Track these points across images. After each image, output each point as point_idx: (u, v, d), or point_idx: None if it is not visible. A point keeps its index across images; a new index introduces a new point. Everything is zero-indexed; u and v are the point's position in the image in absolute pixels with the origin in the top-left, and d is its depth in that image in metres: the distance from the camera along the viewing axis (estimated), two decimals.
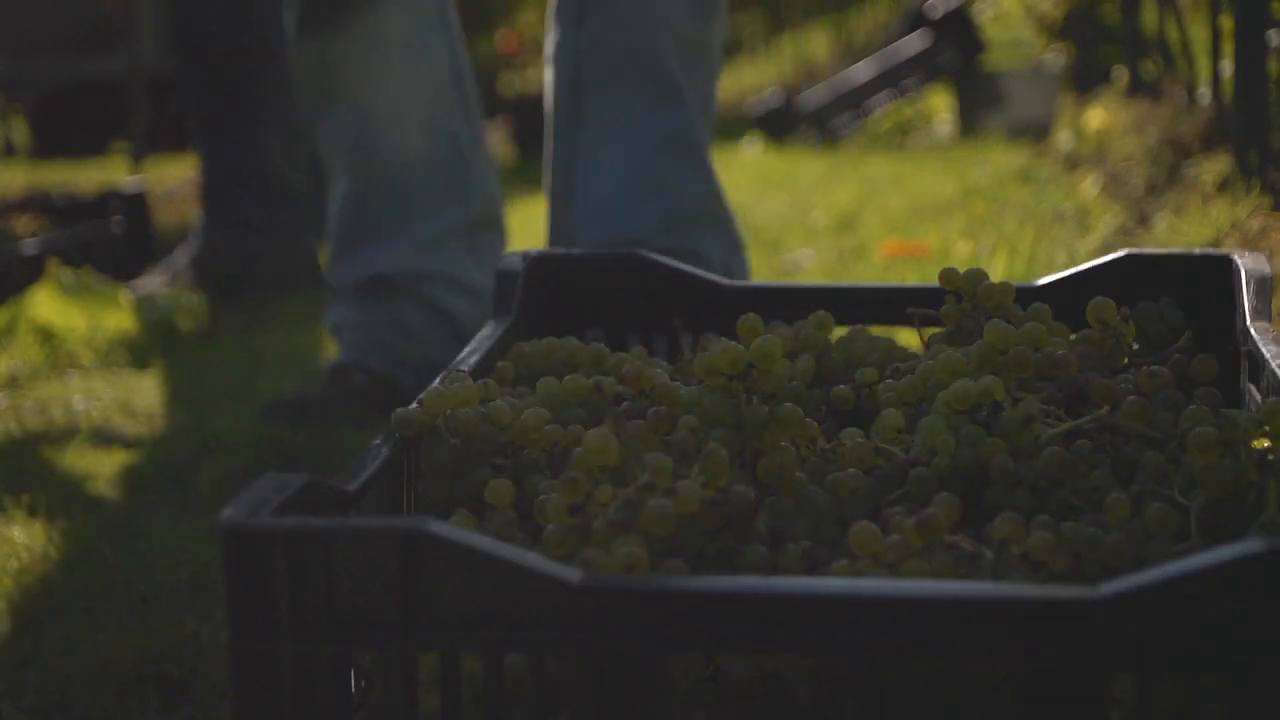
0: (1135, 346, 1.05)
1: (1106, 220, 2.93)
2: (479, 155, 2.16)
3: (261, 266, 3.26)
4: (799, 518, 0.88)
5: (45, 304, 2.77)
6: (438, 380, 1.02)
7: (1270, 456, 0.83)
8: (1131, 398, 0.95)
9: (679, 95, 2.00)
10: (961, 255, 2.69)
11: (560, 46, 2.06)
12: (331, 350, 2.65)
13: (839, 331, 1.15)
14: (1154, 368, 0.98)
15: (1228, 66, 2.75)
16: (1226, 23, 2.74)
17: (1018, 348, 1.01)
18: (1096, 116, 3.99)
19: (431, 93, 2.11)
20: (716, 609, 0.73)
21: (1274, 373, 0.98)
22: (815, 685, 0.76)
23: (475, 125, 2.16)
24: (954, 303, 1.09)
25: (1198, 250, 1.18)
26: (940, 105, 6.48)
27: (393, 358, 2.13)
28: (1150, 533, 0.83)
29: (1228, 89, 2.79)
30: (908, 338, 1.19)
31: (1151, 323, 1.11)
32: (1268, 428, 0.84)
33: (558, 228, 2.09)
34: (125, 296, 2.85)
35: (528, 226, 3.39)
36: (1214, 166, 2.74)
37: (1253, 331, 1.07)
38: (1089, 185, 3.36)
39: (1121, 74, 4.23)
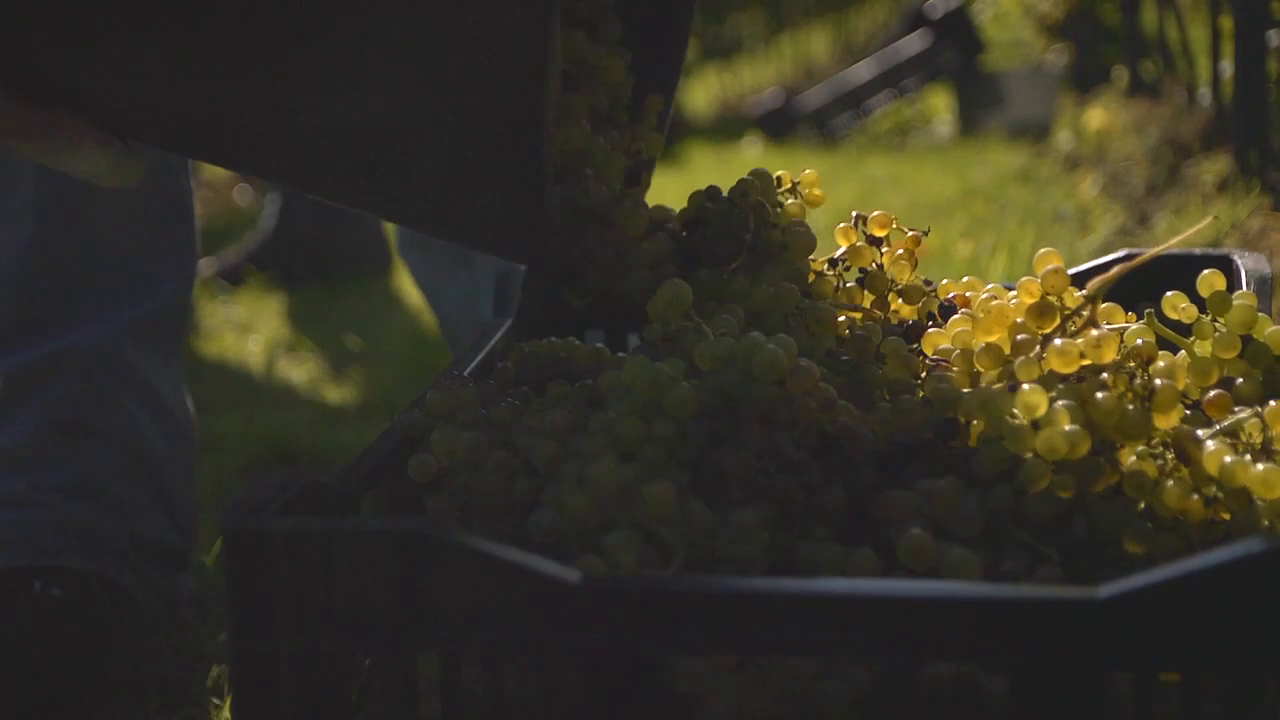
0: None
1: (1106, 220, 2.93)
2: (193, 214, 1.48)
3: (333, 248, 3.24)
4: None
5: None
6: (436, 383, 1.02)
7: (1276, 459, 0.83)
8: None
9: None
10: (962, 256, 2.69)
11: None
12: (344, 343, 2.65)
13: None
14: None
15: (1228, 67, 2.76)
16: (1226, 23, 2.75)
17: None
18: (1096, 116, 4.00)
19: None
20: (717, 609, 0.73)
21: None
22: (817, 686, 0.76)
23: (189, 175, 1.48)
24: None
25: (1198, 250, 1.18)
26: (940, 105, 6.48)
27: (94, 544, 1.34)
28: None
29: (1228, 89, 2.79)
30: None
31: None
32: (1272, 431, 0.84)
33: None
34: None
35: None
36: (1214, 166, 2.74)
37: None
38: (1089, 185, 3.36)
39: (1121, 74, 4.23)
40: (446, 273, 1.70)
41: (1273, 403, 0.85)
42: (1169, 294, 0.97)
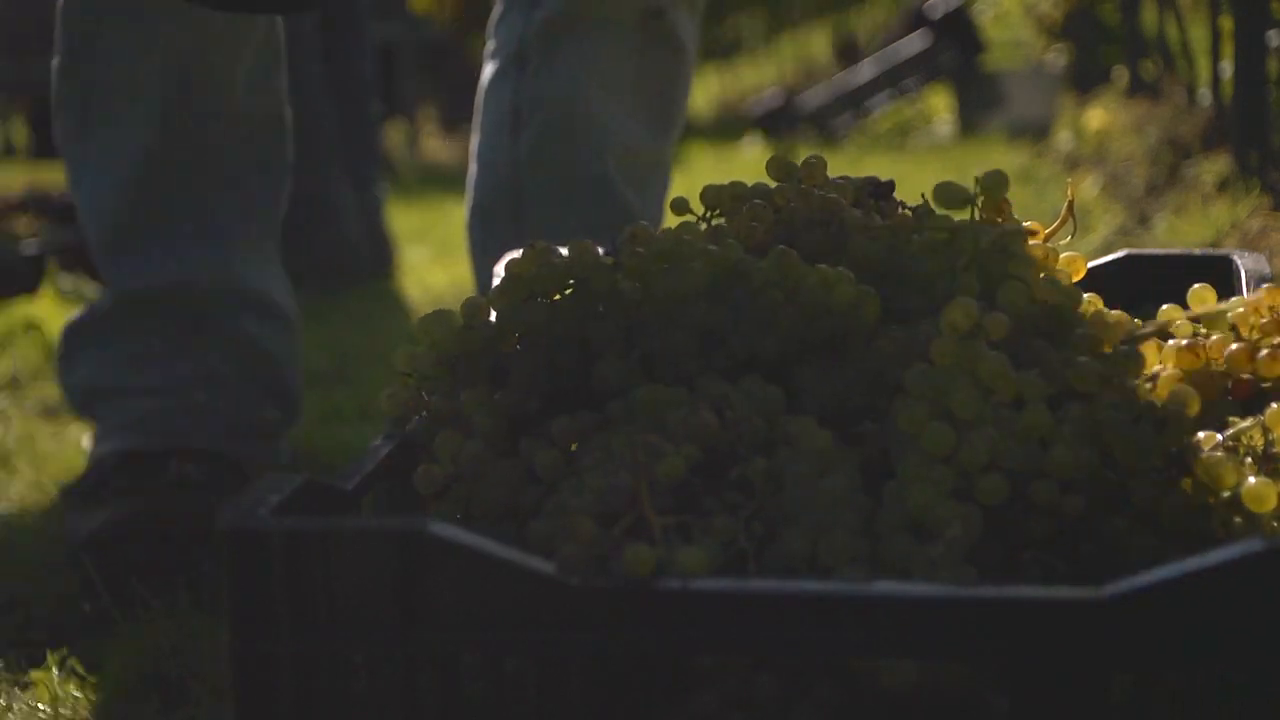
0: None
1: (1106, 220, 2.93)
2: (289, 131, 1.65)
3: (333, 248, 3.17)
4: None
5: (44, 311, 2.77)
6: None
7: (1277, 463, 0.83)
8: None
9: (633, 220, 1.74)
10: None
11: (492, 149, 1.77)
12: (344, 343, 2.64)
13: None
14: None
15: (1228, 67, 2.75)
16: (1226, 23, 2.74)
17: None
18: (1096, 116, 4.00)
19: (261, 38, 1.56)
20: (718, 610, 0.73)
21: None
22: (827, 682, 0.76)
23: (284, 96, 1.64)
24: None
25: (1198, 250, 1.18)
26: (940, 105, 6.49)
27: (220, 427, 1.55)
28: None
29: (1228, 89, 2.79)
30: None
31: None
32: (1274, 433, 0.85)
33: None
34: None
35: None
36: (1214, 166, 2.74)
37: None
38: (1089, 185, 3.36)
39: (1121, 74, 4.23)
40: (498, 240, 1.74)
41: (1274, 405, 0.85)
42: (1164, 307, 0.97)
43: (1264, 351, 0.89)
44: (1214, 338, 0.90)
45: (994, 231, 0.95)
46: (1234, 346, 0.89)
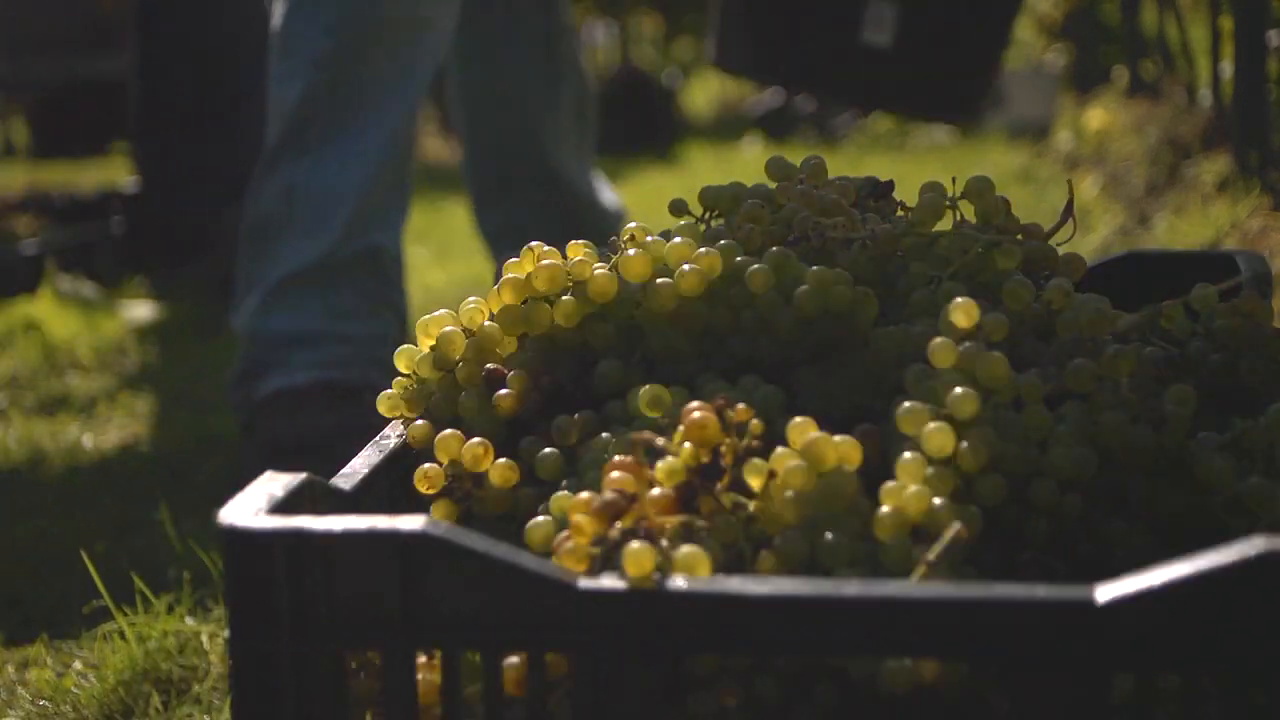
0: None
1: (1106, 220, 2.93)
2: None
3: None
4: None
5: (44, 311, 2.78)
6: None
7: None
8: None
9: None
10: None
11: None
12: None
13: None
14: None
15: (1228, 67, 2.76)
16: (1226, 23, 2.75)
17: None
18: (1096, 116, 4.00)
19: None
20: (717, 611, 0.73)
21: None
22: (826, 685, 0.76)
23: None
24: None
25: (1200, 249, 1.18)
26: None
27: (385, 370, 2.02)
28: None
29: (1228, 89, 2.79)
30: None
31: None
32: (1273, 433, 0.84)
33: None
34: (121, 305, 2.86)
35: None
36: (1214, 166, 2.74)
37: None
38: (1089, 185, 3.36)
39: (1121, 74, 4.23)
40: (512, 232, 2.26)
41: (1274, 405, 0.85)
42: (1165, 303, 0.97)
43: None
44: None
45: (980, 240, 0.95)
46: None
